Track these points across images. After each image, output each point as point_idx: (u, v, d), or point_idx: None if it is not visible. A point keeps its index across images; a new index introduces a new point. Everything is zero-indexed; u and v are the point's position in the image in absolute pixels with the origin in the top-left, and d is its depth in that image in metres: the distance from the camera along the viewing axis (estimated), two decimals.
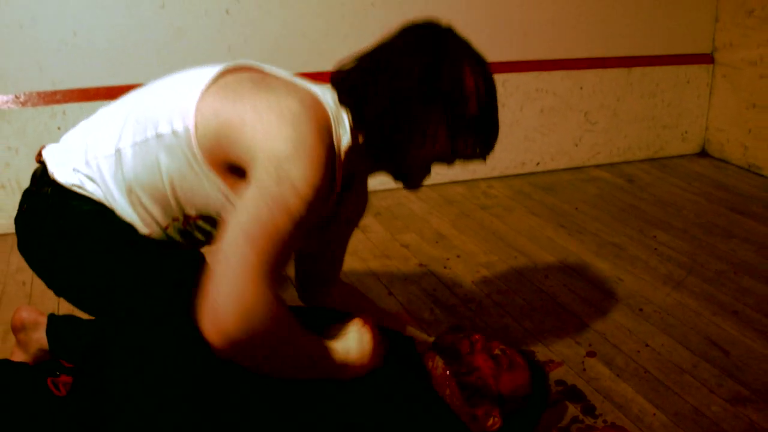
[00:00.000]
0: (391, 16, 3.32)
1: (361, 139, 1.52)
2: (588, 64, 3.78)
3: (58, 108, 3.07)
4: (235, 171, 1.40)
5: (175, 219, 1.51)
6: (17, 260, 2.79)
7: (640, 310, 2.38)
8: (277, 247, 1.27)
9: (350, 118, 1.50)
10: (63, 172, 1.55)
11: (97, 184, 1.52)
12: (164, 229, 1.53)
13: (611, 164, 3.97)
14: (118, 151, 1.48)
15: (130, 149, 1.47)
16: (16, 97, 3.03)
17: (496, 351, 1.68)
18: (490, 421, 1.60)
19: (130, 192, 1.49)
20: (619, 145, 3.99)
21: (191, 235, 1.57)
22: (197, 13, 3.14)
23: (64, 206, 1.52)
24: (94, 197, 1.51)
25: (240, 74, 1.47)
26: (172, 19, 3.10)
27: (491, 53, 3.37)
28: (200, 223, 1.53)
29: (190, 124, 1.39)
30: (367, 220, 3.17)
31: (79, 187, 1.52)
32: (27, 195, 1.62)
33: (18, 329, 1.95)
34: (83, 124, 1.63)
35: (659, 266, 2.70)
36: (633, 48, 3.85)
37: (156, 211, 1.50)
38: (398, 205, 3.39)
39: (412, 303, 2.42)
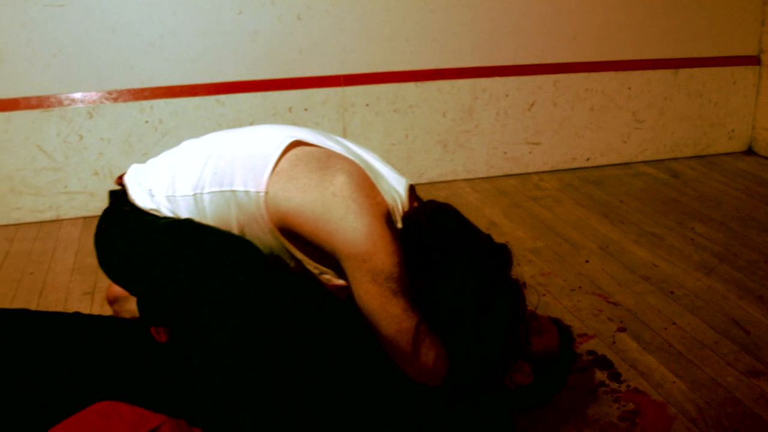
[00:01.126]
0: (450, 21, 3.60)
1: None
2: (636, 65, 3.98)
3: (146, 103, 3.41)
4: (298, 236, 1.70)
5: None
6: None
7: (671, 292, 2.60)
8: (410, 316, 1.60)
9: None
10: (142, 198, 1.81)
11: (174, 214, 1.79)
12: None
13: (658, 161, 4.18)
14: (195, 195, 1.75)
15: (207, 196, 1.74)
16: (109, 93, 3.38)
17: (528, 314, 1.94)
18: (522, 376, 1.86)
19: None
20: (666, 142, 4.18)
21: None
22: (271, 19, 3.44)
23: (140, 221, 1.78)
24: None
25: (306, 150, 1.72)
26: (249, 24, 3.41)
27: (544, 55, 3.66)
28: None
29: (262, 191, 1.67)
30: None
31: (156, 211, 1.79)
32: (106, 214, 1.88)
33: (112, 301, 2.27)
34: (167, 157, 1.89)
35: (693, 254, 2.91)
36: (680, 50, 4.04)
37: None
38: (454, 195, 3.66)
39: None
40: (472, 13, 3.65)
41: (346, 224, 1.58)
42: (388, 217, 1.66)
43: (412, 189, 1.84)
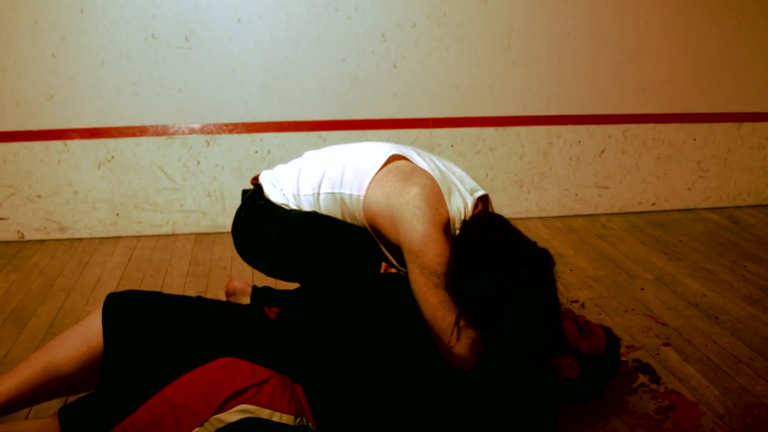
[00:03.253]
0: (529, 73, 3.99)
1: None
2: (701, 118, 4.29)
3: (256, 136, 3.88)
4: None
5: None
6: (219, 251, 3.59)
7: (716, 317, 2.90)
8: (446, 308, 1.97)
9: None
10: (275, 195, 2.33)
11: (299, 208, 2.29)
12: None
13: (721, 208, 4.45)
14: (315, 194, 2.25)
15: (323, 194, 2.23)
16: (225, 125, 3.86)
17: (581, 321, 2.28)
18: (570, 371, 2.19)
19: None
20: (729, 191, 4.46)
21: None
22: (370, 66, 3.89)
23: (274, 212, 2.28)
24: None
25: (399, 164, 2.15)
26: (351, 70, 3.86)
27: (615, 106, 3.99)
28: None
29: (362, 195, 2.13)
30: None
31: (285, 205, 2.30)
32: (245, 205, 2.38)
33: (230, 294, 2.70)
34: (294, 163, 2.40)
35: (742, 288, 3.20)
36: (743, 104, 4.33)
37: None
38: (527, 230, 3.96)
39: None
40: (549, 66, 4.04)
41: (410, 226, 1.99)
42: (447, 225, 2.04)
43: (483, 199, 2.22)
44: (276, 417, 1.87)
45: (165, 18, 3.65)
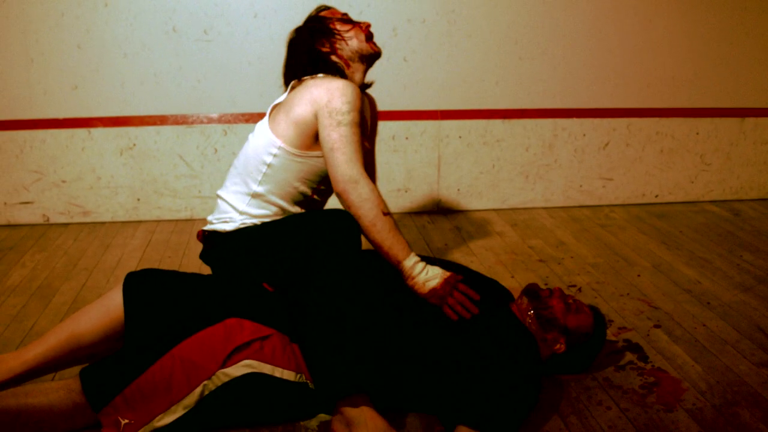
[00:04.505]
0: (535, 68, 4.12)
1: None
2: (704, 113, 4.40)
3: None
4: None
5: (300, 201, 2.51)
6: None
7: (708, 303, 3.01)
8: (345, 141, 2.32)
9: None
10: (226, 225, 2.48)
11: (255, 219, 2.47)
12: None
13: (723, 201, 4.57)
14: (251, 192, 2.46)
15: (259, 181, 2.44)
16: (242, 115, 4.02)
17: (570, 300, 2.41)
18: (557, 345, 2.32)
19: (279, 205, 2.48)
20: (732, 184, 4.57)
21: (315, 201, 2.57)
22: (381, 60, 4.00)
23: (237, 241, 2.44)
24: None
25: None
26: None
27: (619, 100, 4.11)
28: (315, 196, 2.52)
29: (276, 139, 2.40)
30: (505, 228, 3.96)
31: (243, 225, 2.46)
32: (206, 254, 2.56)
33: None
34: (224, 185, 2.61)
35: (736, 276, 3.31)
36: (746, 100, 4.44)
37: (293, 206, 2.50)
38: (532, 219, 4.15)
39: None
40: (555, 61, 4.17)
41: (316, 93, 2.41)
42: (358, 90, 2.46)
43: None
44: (278, 372, 2.04)
45: (185, 12, 3.82)
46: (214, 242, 2.49)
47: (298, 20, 3.86)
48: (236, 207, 2.45)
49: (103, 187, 4.01)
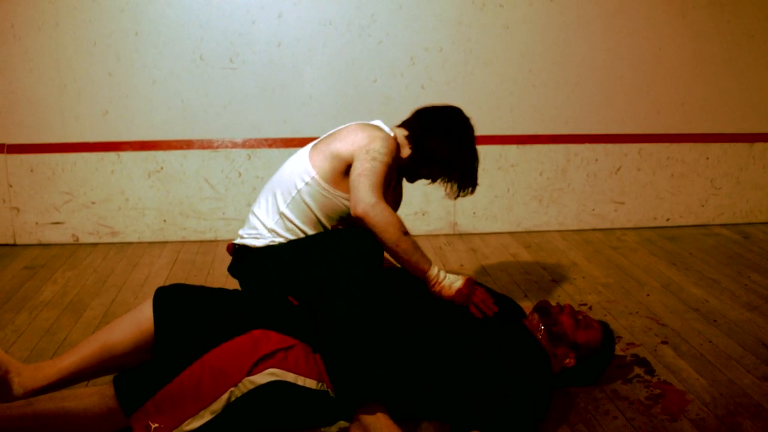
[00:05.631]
0: (548, 95, 4.25)
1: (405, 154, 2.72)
2: (713, 138, 4.51)
3: (294, 150, 4.12)
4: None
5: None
6: None
7: (714, 320, 3.11)
8: (371, 172, 2.47)
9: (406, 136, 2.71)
10: (255, 241, 2.61)
11: (281, 237, 2.59)
12: None
13: (733, 224, 4.66)
14: (281, 214, 2.58)
15: (288, 207, 2.57)
16: (265, 140, 4.17)
17: (579, 316, 2.51)
18: (567, 360, 2.43)
19: (302, 229, 2.60)
20: (742, 208, 4.66)
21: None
22: (400, 87, 4.18)
23: (265, 258, 2.58)
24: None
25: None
26: (382, 90, 4.16)
27: (630, 126, 4.21)
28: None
29: (313, 172, 2.55)
30: (519, 250, 4.08)
31: (272, 243, 2.58)
32: (235, 267, 2.70)
33: None
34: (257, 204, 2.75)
35: (743, 296, 3.40)
36: (755, 126, 4.54)
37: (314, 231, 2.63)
38: (546, 242, 4.26)
39: None
40: (568, 89, 4.30)
41: (361, 137, 2.60)
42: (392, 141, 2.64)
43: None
44: (300, 381, 2.16)
45: (212, 41, 3.99)
46: (242, 256, 2.62)
47: (320, 49, 4.05)
48: (265, 224, 2.59)
49: (131, 208, 4.17)
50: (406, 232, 2.47)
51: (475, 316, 2.48)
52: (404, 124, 2.80)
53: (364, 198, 2.43)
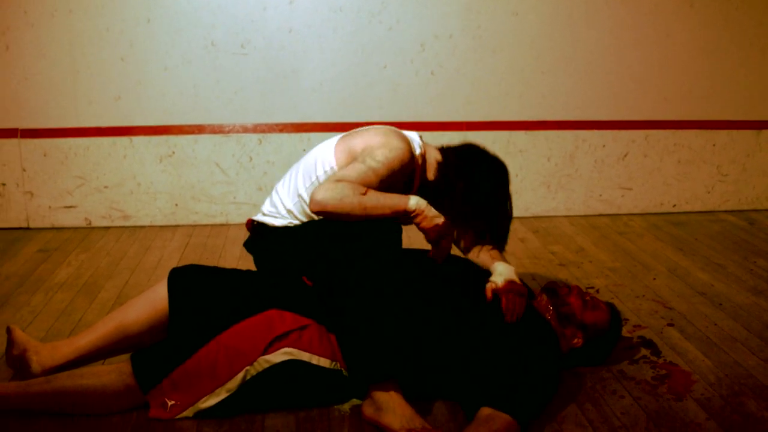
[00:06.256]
0: (557, 82, 4.28)
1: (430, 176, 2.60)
2: (720, 125, 4.55)
3: (304, 135, 4.22)
4: None
5: None
6: None
7: (720, 304, 3.15)
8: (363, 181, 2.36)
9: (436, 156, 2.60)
10: (273, 220, 2.60)
11: (298, 219, 2.58)
12: None
13: (739, 210, 4.69)
14: (299, 196, 2.53)
15: (306, 190, 2.52)
16: (276, 125, 4.21)
17: (587, 297, 2.56)
18: (575, 340, 2.48)
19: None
20: (748, 194, 4.69)
21: None
22: (410, 74, 4.22)
23: (282, 236, 2.58)
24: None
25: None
26: (392, 77, 4.20)
27: (638, 113, 4.24)
28: None
29: (333, 162, 2.49)
30: (527, 235, 4.12)
31: (290, 224, 2.58)
32: (252, 243, 2.70)
33: None
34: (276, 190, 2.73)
35: (749, 280, 3.44)
36: (762, 113, 4.57)
37: None
38: (553, 227, 4.30)
39: None
40: (576, 75, 4.33)
41: (375, 139, 2.49)
42: (410, 150, 2.52)
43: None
44: (315, 360, 2.21)
45: (223, 27, 4.02)
46: (260, 233, 2.64)
47: (331, 35, 4.08)
48: (285, 203, 2.58)
49: (143, 192, 4.22)
50: (363, 193, 2.34)
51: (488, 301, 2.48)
52: (443, 151, 2.63)
53: (318, 194, 2.33)
